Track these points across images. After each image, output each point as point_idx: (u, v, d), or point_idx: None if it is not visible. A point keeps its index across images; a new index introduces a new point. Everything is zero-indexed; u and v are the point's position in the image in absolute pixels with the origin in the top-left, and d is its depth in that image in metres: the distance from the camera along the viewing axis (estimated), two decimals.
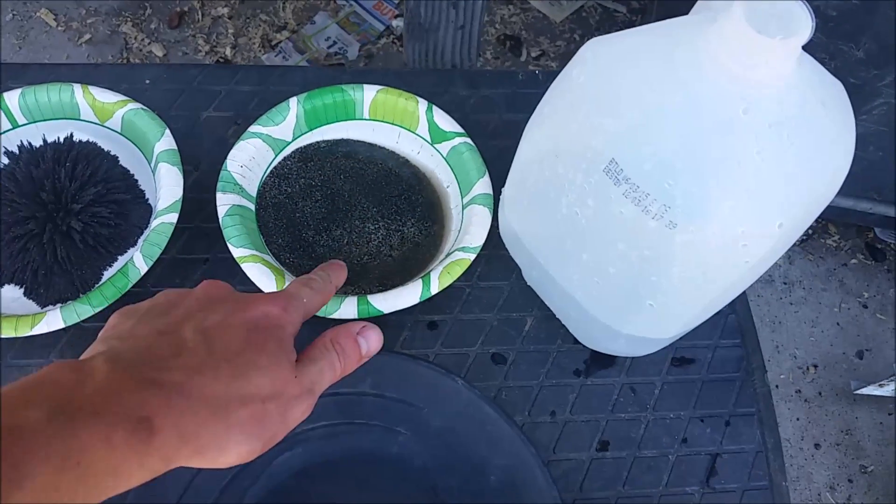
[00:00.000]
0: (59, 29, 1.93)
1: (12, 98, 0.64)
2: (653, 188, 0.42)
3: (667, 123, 0.41)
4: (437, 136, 0.68)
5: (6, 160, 0.63)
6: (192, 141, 0.69)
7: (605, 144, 0.43)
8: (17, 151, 0.62)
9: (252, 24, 1.95)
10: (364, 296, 0.59)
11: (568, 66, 0.48)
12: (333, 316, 0.58)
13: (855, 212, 1.55)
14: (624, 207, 0.44)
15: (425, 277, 0.60)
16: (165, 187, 0.59)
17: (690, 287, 0.47)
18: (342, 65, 1.89)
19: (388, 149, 0.70)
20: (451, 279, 0.60)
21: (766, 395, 0.64)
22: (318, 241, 0.64)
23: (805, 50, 0.43)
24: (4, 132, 0.65)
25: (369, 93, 0.68)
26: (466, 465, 0.55)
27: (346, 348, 0.43)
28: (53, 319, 0.55)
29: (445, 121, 0.68)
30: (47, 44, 1.91)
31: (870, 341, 1.70)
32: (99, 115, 0.65)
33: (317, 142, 0.69)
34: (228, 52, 1.90)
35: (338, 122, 0.69)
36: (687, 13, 0.46)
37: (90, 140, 0.64)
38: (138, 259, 0.57)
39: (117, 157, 0.64)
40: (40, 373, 0.32)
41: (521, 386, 0.62)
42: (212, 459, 0.35)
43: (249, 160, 0.64)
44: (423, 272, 0.62)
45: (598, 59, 0.46)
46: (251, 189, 0.64)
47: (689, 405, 0.63)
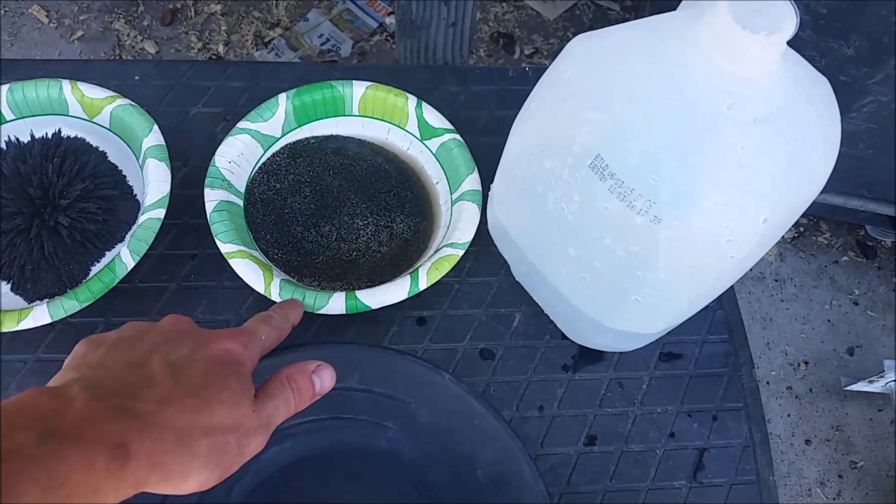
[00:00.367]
0: (51, 25, 1.92)
1: (0, 94, 0.64)
2: (638, 183, 0.42)
3: (652, 119, 0.41)
4: (427, 132, 0.68)
5: None
6: (182, 137, 0.69)
7: (590, 139, 0.44)
8: (5, 147, 0.62)
9: (245, 22, 1.94)
10: (352, 291, 0.59)
11: (556, 61, 0.48)
12: (322, 311, 0.58)
13: (846, 209, 1.55)
14: (609, 203, 0.44)
15: (413, 273, 0.60)
16: (153, 183, 0.59)
17: (676, 282, 0.47)
18: (335, 62, 1.89)
19: (377, 145, 0.70)
20: (440, 275, 0.60)
21: (754, 390, 0.65)
22: (307, 237, 0.64)
23: (795, 47, 0.44)
24: None
25: (359, 89, 0.68)
26: (454, 460, 0.56)
27: (301, 386, 0.45)
28: (40, 314, 0.55)
29: (435, 117, 0.68)
30: (39, 40, 1.90)
31: (860, 338, 1.71)
32: (87, 111, 0.64)
33: (306, 138, 0.69)
34: (221, 49, 1.89)
35: (327, 118, 0.69)
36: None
37: (78, 136, 0.64)
38: (125, 254, 0.57)
39: (105, 152, 0.64)
40: (20, 398, 0.34)
41: (509, 381, 0.63)
42: (174, 486, 0.37)
43: (238, 156, 0.64)
44: (412, 268, 0.62)
45: (585, 54, 0.46)
46: (240, 185, 0.64)
47: (677, 400, 0.63)
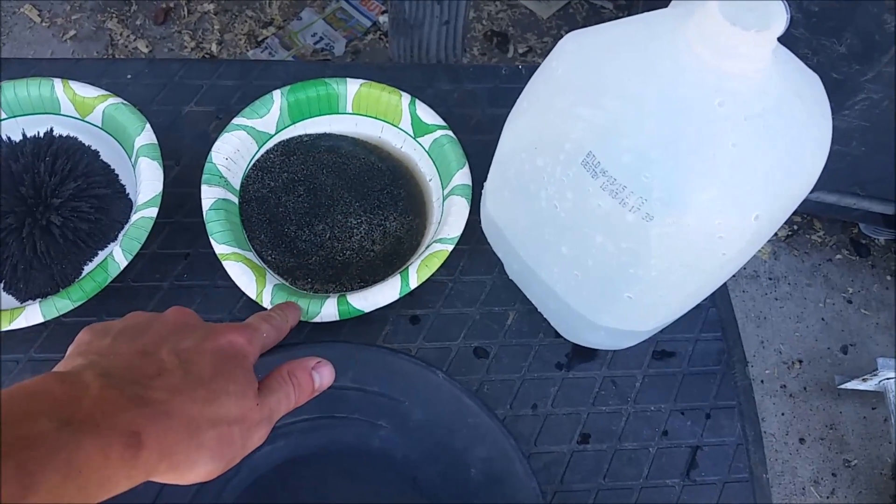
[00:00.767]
0: (44, 25, 1.92)
1: None
2: (630, 181, 0.42)
3: (644, 116, 0.41)
4: (420, 129, 0.68)
5: None
6: (174, 135, 0.69)
7: (583, 137, 0.44)
8: None
9: (238, 21, 1.94)
10: (343, 296, 0.59)
11: (548, 59, 0.48)
12: (316, 319, 0.58)
13: (839, 207, 1.55)
14: (602, 200, 0.44)
15: (403, 272, 0.60)
16: (145, 181, 0.59)
17: (668, 279, 0.47)
18: (328, 60, 1.88)
19: (371, 143, 0.70)
20: (430, 272, 0.60)
21: (747, 388, 0.65)
22: (300, 236, 0.64)
23: (787, 45, 0.44)
24: None
25: (352, 86, 0.68)
26: (447, 458, 0.55)
27: (302, 381, 0.46)
28: (32, 314, 0.55)
29: (428, 114, 0.68)
30: (31, 40, 1.90)
31: (854, 336, 1.71)
32: (79, 110, 0.64)
33: (300, 135, 0.69)
34: (214, 48, 1.89)
35: (321, 115, 0.69)
36: None
37: (70, 135, 0.64)
38: (118, 253, 0.57)
39: (98, 151, 0.64)
40: (33, 383, 0.34)
41: (503, 379, 0.63)
42: (180, 475, 0.38)
43: (234, 152, 0.64)
44: (405, 266, 0.62)
45: (576, 51, 0.46)
46: (235, 182, 0.64)
47: (670, 398, 0.63)
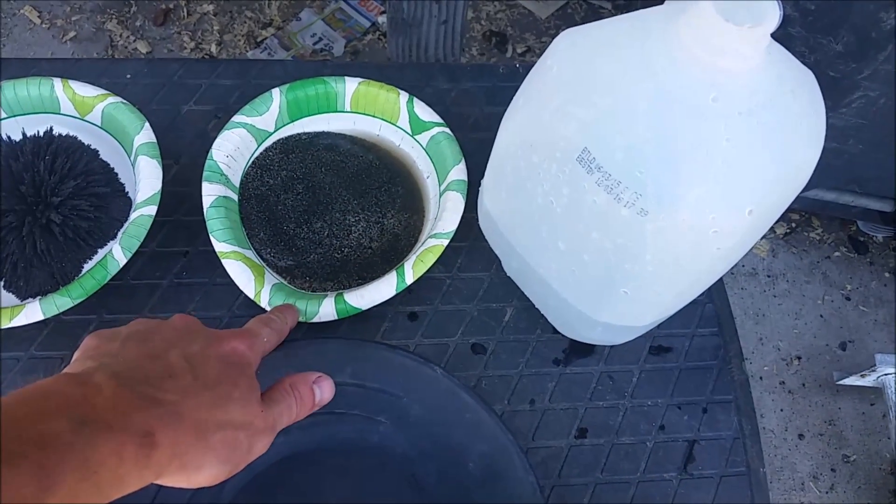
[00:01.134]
0: (44, 26, 1.92)
1: None
2: (625, 176, 0.42)
3: (638, 112, 0.42)
4: (417, 126, 0.69)
5: None
6: (173, 135, 0.70)
7: (577, 133, 0.44)
8: None
9: (237, 21, 1.94)
10: (341, 294, 0.59)
11: (543, 56, 0.48)
12: (315, 320, 0.58)
13: (837, 205, 1.56)
14: (597, 196, 0.44)
15: (399, 269, 0.60)
16: (144, 180, 0.60)
17: (663, 274, 0.47)
18: (327, 60, 1.89)
19: (369, 141, 0.71)
20: (426, 267, 0.61)
21: (744, 383, 0.65)
22: (299, 234, 0.64)
23: (784, 44, 0.44)
24: None
25: (351, 85, 0.69)
26: (446, 453, 0.56)
27: (303, 395, 0.47)
28: (32, 311, 0.55)
29: (425, 111, 0.68)
30: (31, 41, 1.90)
31: (853, 333, 1.72)
32: (79, 109, 0.65)
33: (298, 133, 0.69)
34: (214, 48, 1.89)
35: (319, 113, 0.69)
36: None
37: (70, 134, 0.64)
38: (117, 251, 0.57)
39: (97, 150, 0.64)
40: (46, 383, 0.35)
41: (500, 375, 0.63)
42: (187, 477, 0.39)
43: (234, 150, 0.64)
44: (401, 263, 0.63)
45: (571, 48, 0.46)
46: (235, 180, 0.64)
47: (667, 393, 0.63)
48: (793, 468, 1.56)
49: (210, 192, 0.61)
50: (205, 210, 0.60)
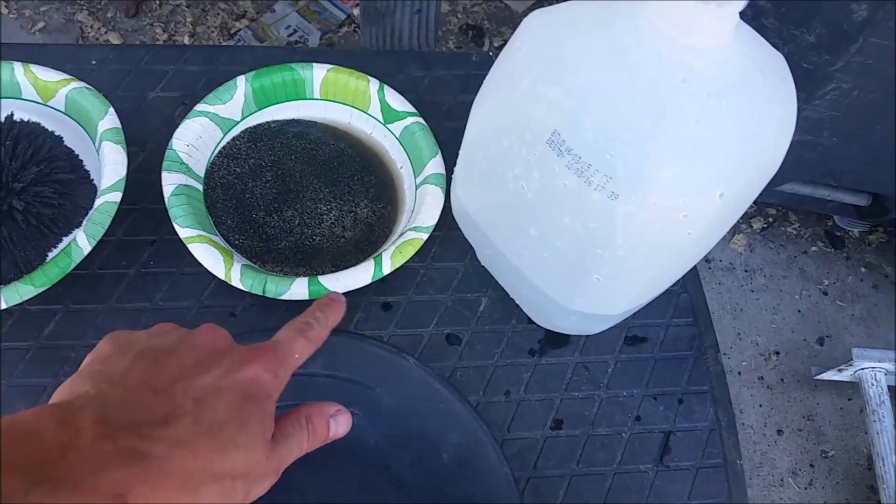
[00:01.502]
0: (11, 17, 1.89)
1: None
2: (594, 159, 0.41)
3: (607, 93, 0.41)
4: (390, 116, 0.68)
5: None
6: (139, 121, 0.68)
7: (547, 115, 0.43)
8: None
9: (211, 13, 1.92)
10: (315, 276, 0.58)
11: (512, 38, 0.48)
12: (284, 297, 0.57)
13: (813, 199, 1.56)
14: (567, 179, 0.43)
15: (377, 258, 0.59)
16: (109, 166, 0.58)
17: (635, 259, 0.46)
18: (298, 47, 1.87)
19: (340, 129, 0.69)
20: (404, 259, 0.60)
21: (720, 374, 0.65)
22: (269, 222, 0.63)
23: (759, 34, 0.44)
24: None
25: (319, 72, 0.67)
26: (419, 444, 0.55)
27: (318, 429, 0.43)
28: None
29: (397, 100, 0.67)
30: None
31: (830, 328, 1.72)
32: (42, 94, 0.63)
33: (267, 122, 0.68)
34: (187, 40, 1.87)
35: (288, 101, 0.68)
36: None
37: (32, 120, 0.63)
38: (81, 239, 0.56)
39: (61, 137, 0.63)
40: (24, 419, 0.31)
41: (475, 366, 0.62)
42: None
43: (196, 139, 0.63)
44: (377, 253, 0.62)
45: (541, 29, 0.45)
46: (199, 169, 0.63)
47: (642, 383, 0.63)
48: (772, 464, 1.56)
49: (170, 182, 0.60)
50: (166, 199, 0.59)
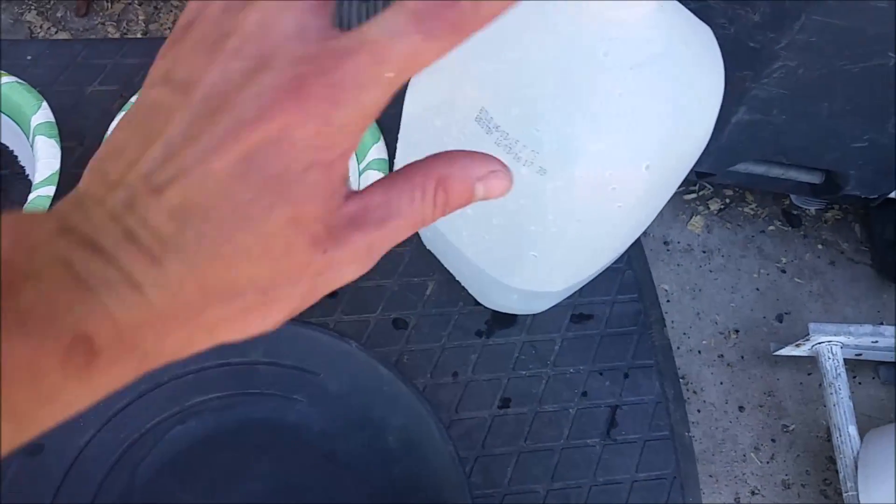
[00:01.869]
0: None
1: None
2: (522, 135, 0.42)
3: (532, 69, 0.41)
4: None
5: None
6: (77, 116, 0.67)
7: (474, 93, 0.43)
8: None
9: (163, 10, 1.90)
10: None
11: None
12: None
13: (768, 178, 1.58)
14: (497, 156, 0.44)
15: None
16: (42, 160, 0.57)
17: (568, 235, 0.47)
18: None
19: None
20: None
21: (666, 348, 0.65)
22: None
23: (704, 15, 0.44)
24: None
25: None
26: (365, 428, 0.55)
27: (452, 198, 0.27)
28: None
29: None
30: None
31: (789, 305, 1.75)
32: None
33: None
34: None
35: None
36: None
37: None
38: None
39: None
40: (31, 224, 0.23)
41: (423, 349, 0.62)
42: (171, 360, 0.25)
43: None
44: None
45: None
46: None
47: (589, 359, 0.63)
48: (734, 440, 1.58)
49: None
50: None
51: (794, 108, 1.27)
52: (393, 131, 0.64)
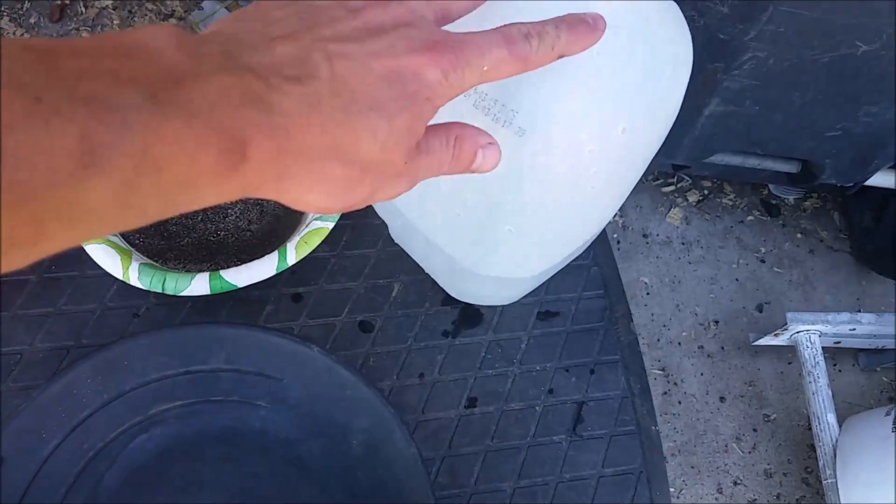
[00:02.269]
0: None
1: None
2: (500, 94, 0.42)
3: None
4: None
5: None
6: None
7: None
8: None
9: (138, 14, 1.89)
10: (217, 271, 0.58)
11: None
12: (185, 293, 0.56)
13: (745, 169, 1.59)
14: (476, 119, 0.44)
15: (282, 249, 0.59)
16: None
17: (544, 204, 0.47)
18: None
19: None
20: (309, 249, 0.59)
21: (632, 343, 0.66)
22: (170, 219, 0.62)
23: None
24: None
25: None
26: (329, 432, 0.55)
27: (464, 154, 0.36)
28: None
29: None
30: None
31: (768, 294, 1.76)
32: None
33: None
34: None
35: None
36: None
37: None
38: None
39: None
40: (139, 36, 0.26)
41: (389, 351, 0.62)
42: (285, 202, 0.31)
43: None
44: (284, 244, 0.61)
45: None
46: None
47: (555, 357, 0.64)
48: (716, 431, 1.59)
49: None
50: None
51: (767, 98, 1.27)
52: None
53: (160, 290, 0.56)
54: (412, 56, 0.30)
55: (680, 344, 1.66)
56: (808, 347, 1.44)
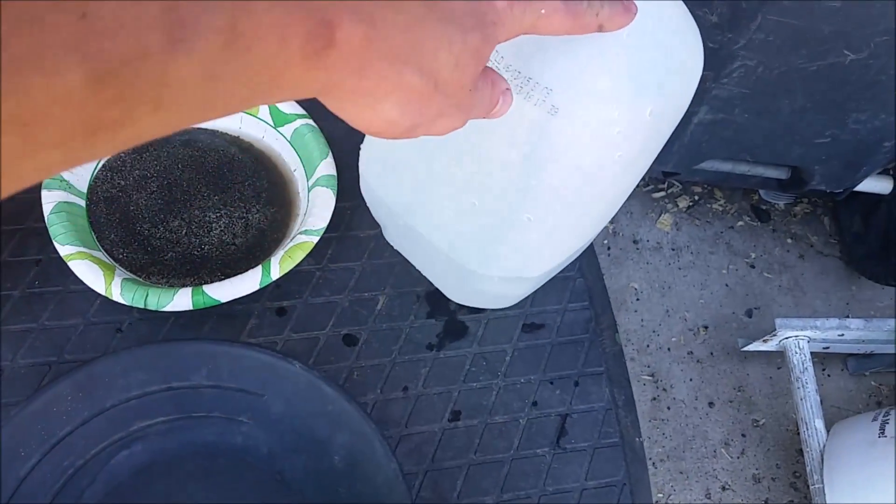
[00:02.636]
0: None
1: None
2: (534, 71, 0.42)
3: None
4: (279, 119, 0.67)
5: None
6: None
7: None
8: None
9: None
10: (199, 286, 0.58)
11: None
12: (167, 309, 0.56)
13: (736, 175, 1.60)
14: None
15: (266, 263, 0.59)
16: None
17: (567, 188, 0.47)
18: None
19: (230, 134, 0.69)
20: (293, 263, 0.59)
21: (617, 354, 0.66)
22: (155, 233, 0.62)
23: None
24: None
25: None
26: (310, 448, 0.55)
27: (493, 98, 0.37)
28: None
29: (285, 103, 0.67)
30: None
31: (758, 300, 1.76)
32: None
33: None
34: None
35: None
36: None
37: None
38: None
39: None
40: None
41: (373, 365, 0.62)
42: (356, 112, 0.31)
43: None
44: (268, 258, 0.61)
45: None
46: (80, 185, 0.62)
47: (540, 369, 0.64)
48: (704, 436, 1.59)
49: (49, 200, 0.59)
50: (45, 217, 0.58)
51: (756, 106, 1.28)
52: (341, 142, 0.65)
53: (142, 305, 0.56)
54: None
55: (669, 349, 1.67)
56: (796, 353, 1.45)
